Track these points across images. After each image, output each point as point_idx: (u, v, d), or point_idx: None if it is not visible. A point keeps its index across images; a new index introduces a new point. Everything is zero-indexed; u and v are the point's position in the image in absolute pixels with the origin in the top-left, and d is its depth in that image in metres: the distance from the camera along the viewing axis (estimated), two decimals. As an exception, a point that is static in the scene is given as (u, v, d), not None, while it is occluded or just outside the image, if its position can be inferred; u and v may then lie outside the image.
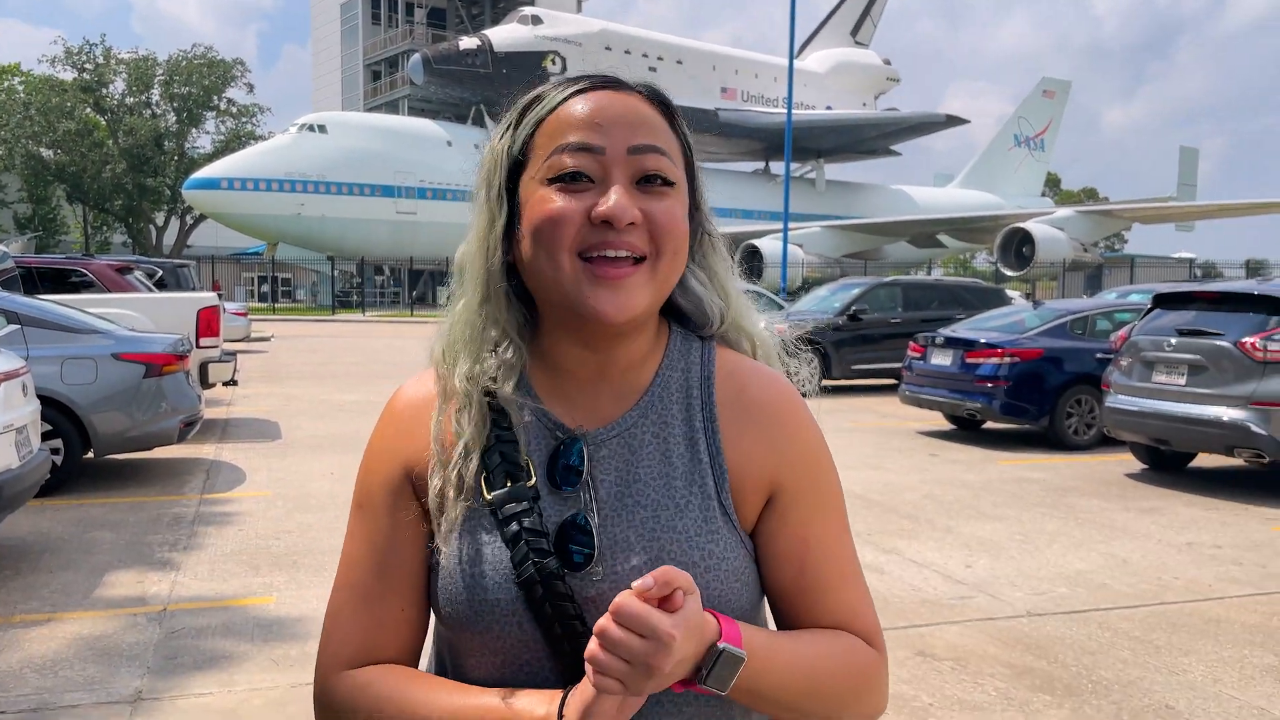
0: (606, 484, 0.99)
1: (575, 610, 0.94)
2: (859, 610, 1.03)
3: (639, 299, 0.94)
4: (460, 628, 0.98)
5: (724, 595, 0.96)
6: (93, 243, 52.48)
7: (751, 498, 1.01)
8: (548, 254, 0.94)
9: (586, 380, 1.02)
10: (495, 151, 1.01)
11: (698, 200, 1.04)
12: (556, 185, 0.95)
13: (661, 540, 0.96)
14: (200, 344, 10.16)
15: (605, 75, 1.01)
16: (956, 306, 14.92)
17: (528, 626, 0.94)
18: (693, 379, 1.04)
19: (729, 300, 1.08)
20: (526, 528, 0.95)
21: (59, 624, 4.45)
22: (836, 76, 60.77)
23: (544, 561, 0.94)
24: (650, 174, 0.96)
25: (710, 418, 1.02)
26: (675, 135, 1.01)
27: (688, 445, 1.01)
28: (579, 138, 0.95)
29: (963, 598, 4.99)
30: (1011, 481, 8.09)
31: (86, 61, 49.70)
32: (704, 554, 0.96)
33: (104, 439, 7.22)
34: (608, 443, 1.00)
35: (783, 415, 1.04)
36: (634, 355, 1.02)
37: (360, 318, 37.23)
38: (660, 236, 0.95)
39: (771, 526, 1.02)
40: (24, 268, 11.18)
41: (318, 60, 68.88)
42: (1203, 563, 5.72)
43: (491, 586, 0.95)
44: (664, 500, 0.98)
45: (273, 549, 5.72)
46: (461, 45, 45.59)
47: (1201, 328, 7.84)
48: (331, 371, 16.67)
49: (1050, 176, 76.43)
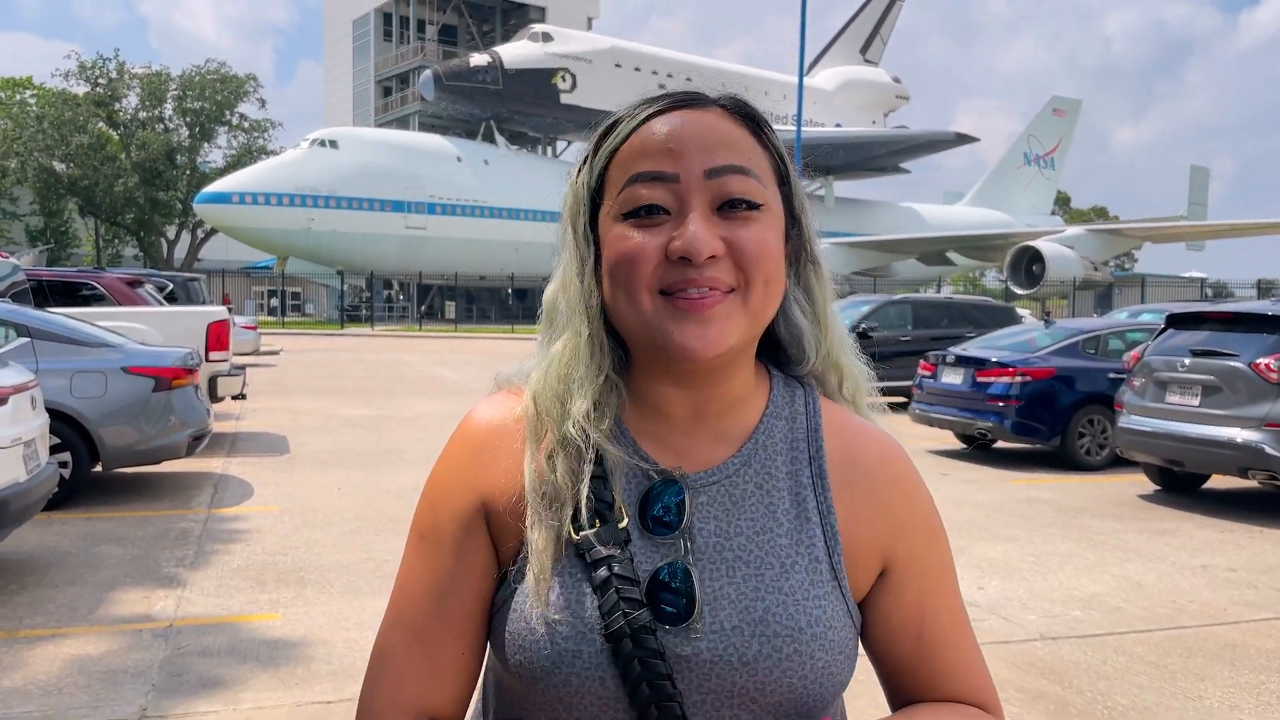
0: (704, 533, 0.91)
1: (666, 670, 0.85)
2: (976, 679, 0.98)
3: (729, 331, 0.87)
4: (533, 680, 0.88)
5: (829, 667, 0.89)
6: (104, 256, 52.73)
7: (865, 565, 0.94)
8: (627, 295, 0.88)
9: (682, 421, 0.94)
10: (576, 187, 0.95)
11: (797, 217, 0.96)
12: (631, 221, 0.88)
13: (766, 600, 0.88)
14: (210, 358, 10.16)
15: (684, 92, 0.94)
16: (967, 325, 14.87)
17: (611, 684, 0.86)
18: (798, 430, 0.97)
19: (827, 333, 0.99)
20: (617, 574, 0.87)
21: (64, 640, 4.43)
22: (846, 94, 60.91)
23: (636, 613, 0.86)
24: (733, 198, 0.88)
25: (820, 474, 0.95)
26: (765, 150, 0.93)
27: (794, 501, 0.93)
28: (650, 166, 0.88)
29: (975, 620, 4.94)
30: (1023, 502, 8.03)
31: (100, 76, 50.04)
32: (810, 619, 0.88)
33: (112, 452, 7.21)
34: (707, 489, 0.92)
35: (898, 479, 0.97)
36: (732, 395, 0.94)
37: (369, 332, 37.30)
38: (748, 266, 0.87)
39: (888, 599, 0.96)
40: (35, 280, 11.23)
41: (330, 76, 69.32)
42: (1218, 586, 5.65)
43: (573, 635, 0.86)
44: (768, 557, 0.90)
45: (279, 565, 5.69)
46: (472, 62, 45.82)
47: (1215, 348, 7.79)
48: (340, 386, 16.68)
49: (1060, 195, 76.39)
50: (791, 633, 0.87)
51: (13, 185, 48.66)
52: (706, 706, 0.87)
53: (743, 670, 0.86)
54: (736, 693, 0.87)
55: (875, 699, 1.07)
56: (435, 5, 59.98)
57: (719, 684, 0.87)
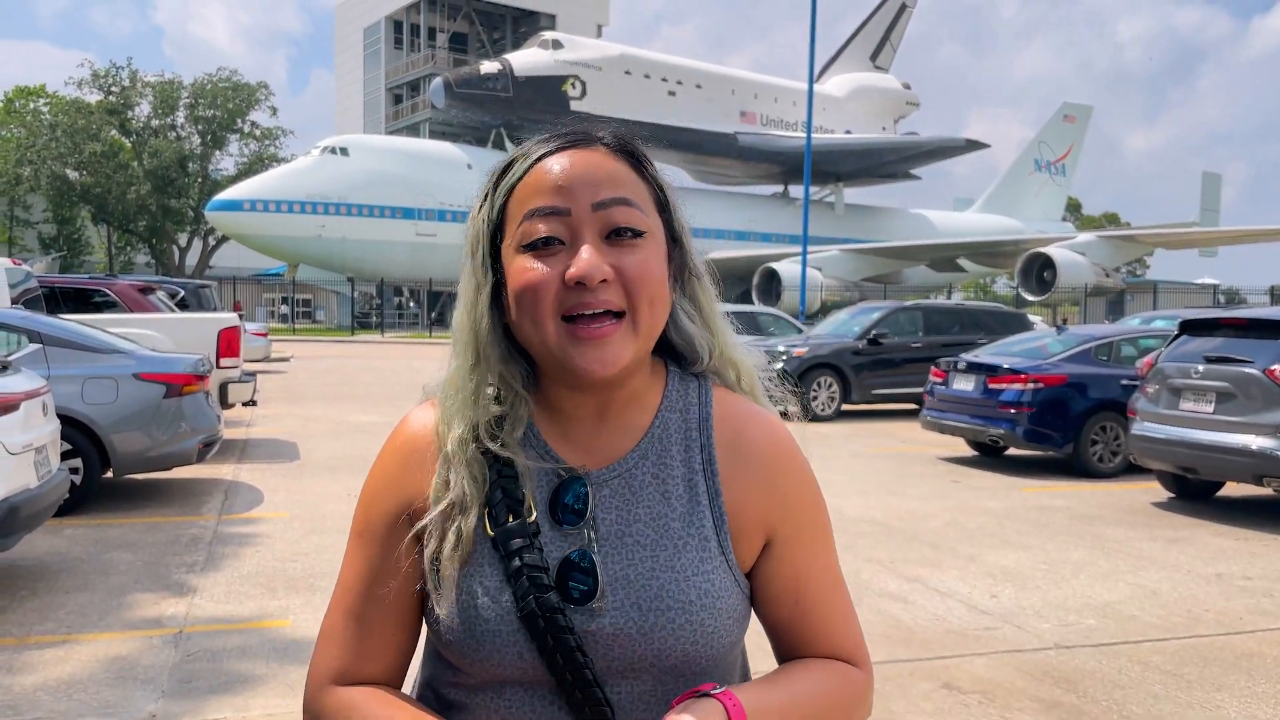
0: (607, 522, 1.03)
1: (576, 642, 0.98)
2: (847, 635, 1.11)
3: (622, 353, 0.99)
4: (462, 657, 1.01)
5: (717, 631, 1.01)
6: (116, 263, 52.98)
7: (750, 539, 1.07)
8: (531, 319, 0.99)
9: (587, 421, 1.06)
10: (477, 222, 1.06)
11: (678, 236, 1.07)
12: (530, 252, 0.99)
13: (661, 579, 1.00)
14: (220, 364, 10.19)
15: (573, 132, 1.05)
16: (978, 331, 14.82)
17: (528, 657, 0.98)
18: (691, 421, 1.08)
19: (717, 335, 1.12)
20: (528, 563, 0.99)
21: (75, 645, 4.43)
22: (856, 101, 60.83)
23: (544, 596, 0.98)
24: (619, 228, 0.99)
25: (709, 460, 1.06)
26: (644, 182, 1.04)
27: (687, 487, 1.05)
28: (545, 202, 0.99)
29: (988, 629, 4.90)
30: (1036, 509, 7.98)
31: (113, 84, 50.37)
32: (700, 592, 1.01)
33: (123, 459, 7.22)
34: (609, 482, 1.04)
35: (780, 460, 1.09)
36: (630, 394, 1.06)
37: (379, 339, 37.39)
38: (634, 290, 0.98)
39: (769, 567, 1.08)
40: (47, 287, 11.28)
41: (341, 84, 69.62)
42: (1233, 594, 5.60)
43: (492, 619, 0.99)
44: (663, 540, 1.02)
45: (290, 571, 5.69)
46: (482, 69, 45.92)
47: (1229, 355, 7.73)
48: (350, 392, 16.71)
49: (1071, 201, 76.15)
50: (683, 605, 1.00)
51: (26, 193, 48.96)
52: (614, 671, 1.00)
53: (641, 640, 0.99)
54: (638, 660, 1.00)
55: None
56: (446, 13, 60.22)
57: (622, 653, 0.99)
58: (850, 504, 7.95)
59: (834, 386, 14.35)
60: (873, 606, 5.21)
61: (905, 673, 4.27)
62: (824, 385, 14.29)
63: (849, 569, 5.96)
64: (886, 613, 5.11)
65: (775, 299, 38.75)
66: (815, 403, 14.23)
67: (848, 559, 6.20)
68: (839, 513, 7.60)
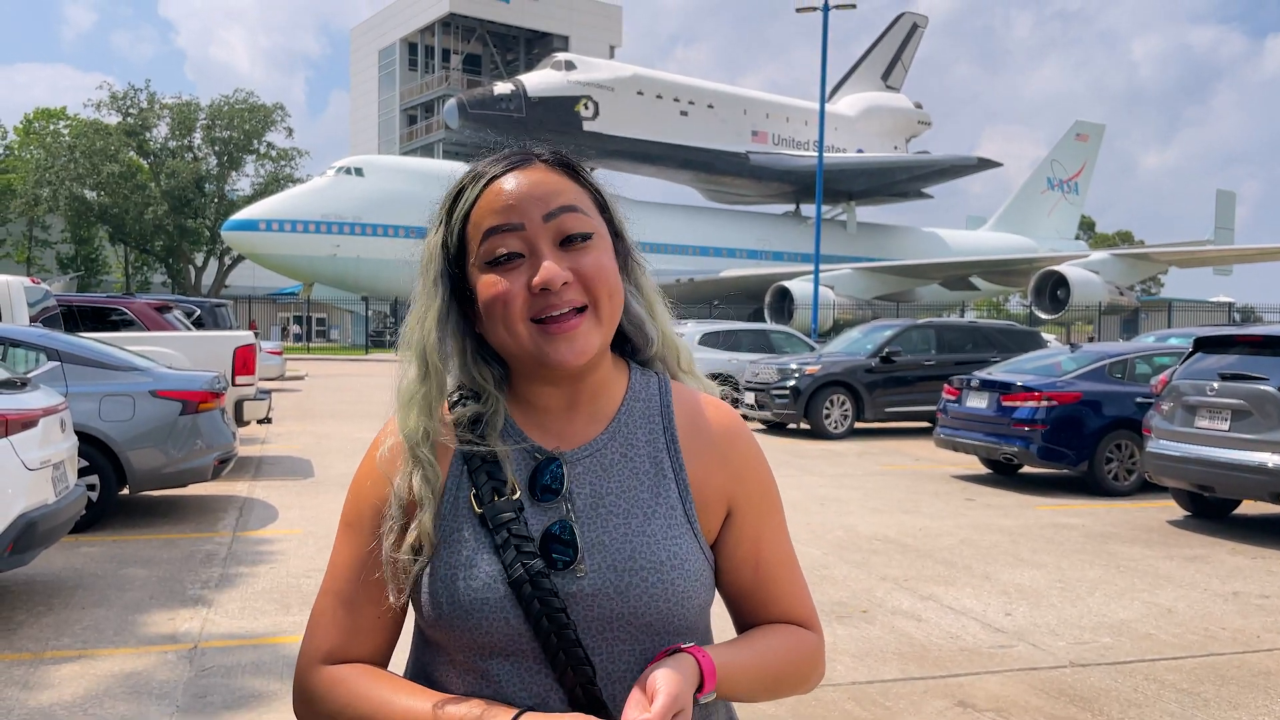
0: (581, 496, 1.13)
1: (560, 604, 1.07)
2: (802, 601, 1.23)
3: (591, 343, 1.10)
4: (451, 626, 1.09)
5: (686, 592, 1.11)
6: (133, 282, 53.40)
7: (713, 510, 1.18)
8: (504, 326, 1.10)
9: (560, 411, 1.17)
10: (431, 246, 1.17)
11: (619, 232, 1.19)
12: (494, 268, 1.10)
13: (634, 542, 1.11)
14: (236, 382, 10.25)
15: (513, 153, 1.16)
16: (991, 349, 14.78)
17: (514, 621, 1.07)
18: (653, 406, 1.20)
19: (655, 311, 1.24)
20: (514, 534, 1.09)
21: (90, 661, 4.45)
22: (867, 120, 60.92)
23: (531, 562, 1.07)
24: (570, 233, 1.10)
25: (672, 439, 1.18)
26: (583, 188, 1.15)
27: (652, 463, 1.16)
28: (500, 221, 1.10)
29: (1003, 646, 4.87)
30: (1050, 527, 7.94)
31: (131, 106, 50.90)
32: (670, 554, 1.11)
33: (140, 475, 7.27)
34: (581, 461, 1.15)
35: (734, 438, 1.21)
36: (597, 383, 1.18)
37: (393, 358, 37.40)
38: (592, 286, 1.10)
39: (731, 536, 1.19)
40: (65, 306, 11.38)
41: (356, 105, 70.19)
42: (1250, 613, 5.55)
43: (482, 586, 1.08)
44: (633, 509, 1.13)
45: (303, 587, 5.71)
46: (496, 90, 46.23)
47: (1245, 372, 7.69)
48: (364, 410, 16.76)
49: (1085, 219, 75.95)
50: (654, 566, 1.10)
51: (45, 214, 49.44)
52: (594, 632, 1.09)
53: (618, 599, 1.09)
54: (615, 618, 1.09)
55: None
56: (460, 35, 60.72)
57: (601, 612, 1.09)
58: (864, 522, 7.93)
59: (847, 404, 14.32)
60: (886, 624, 5.19)
61: (919, 691, 4.26)
62: (837, 403, 14.26)
63: (863, 586, 5.94)
64: (900, 630, 5.09)
65: (788, 317, 38.72)
66: (828, 420, 14.21)
67: (861, 576, 6.18)
68: (853, 530, 7.58)
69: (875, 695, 4.18)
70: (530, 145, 1.18)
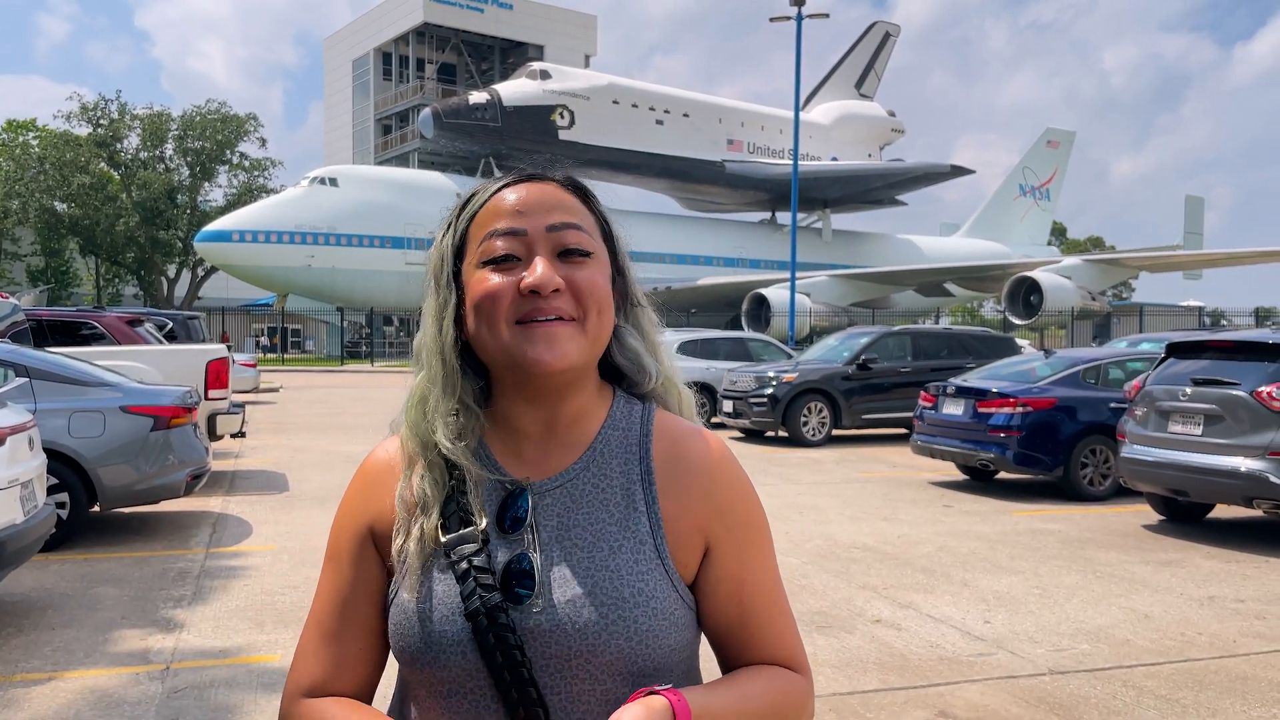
0: (548, 528, 1.10)
1: (516, 640, 1.04)
2: (789, 641, 1.18)
3: (572, 349, 1.08)
4: (411, 662, 1.08)
5: (652, 631, 1.07)
6: (105, 295, 52.84)
7: (689, 546, 1.13)
8: (489, 325, 1.09)
9: (536, 436, 1.15)
10: (442, 248, 1.16)
11: (621, 268, 1.19)
12: (490, 267, 1.10)
13: (596, 576, 1.07)
14: (209, 396, 10.14)
15: (528, 170, 1.17)
16: (966, 356, 14.87)
17: (471, 656, 1.05)
18: (632, 437, 1.17)
19: (661, 359, 1.22)
20: (475, 565, 1.07)
21: (60, 682, 4.37)
22: (841, 128, 61.30)
23: (489, 595, 1.05)
24: (569, 248, 1.10)
25: (648, 471, 1.15)
26: (591, 214, 1.17)
27: (624, 496, 1.13)
28: (504, 224, 1.11)
29: (982, 654, 4.88)
30: (1027, 533, 7.97)
31: (102, 117, 50.43)
32: (634, 590, 1.07)
33: (111, 492, 7.17)
34: (551, 492, 1.12)
35: (713, 470, 1.17)
36: (577, 409, 1.15)
37: (369, 368, 37.28)
38: (583, 298, 1.09)
39: (712, 574, 1.15)
40: (34, 320, 11.23)
41: (330, 115, 69.81)
42: (1226, 617, 5.59)
43: (439, 620, 1.06)
44: (599, 542, 1.10)
45: (278, 604, 5.64)
46: (471, 100, 46.13)
47: (1217, 377, 7.77)
48: (339, 423, 16.64)
49: (1057, 225, 76.70)
50: (616, 602, 1.06)
51: (14, 226, 48.86)
52: (551, 670, 1.05)
53: (577, 636, 1.05)
54: (574, 655, 1.05)
55: None
56: (434, 44, 60.57)
57: (559, 649, 1.05)
58: (842, 530, 7.93)
59: (824, 411, 14.35)
60: (866, 633, 5.19)
61: (899, 700, 4.25)
62: (814, 410, 14.29)
63: (841, 596, 5.94)
64: (880, 639, 5.09)
65: (765, 325, 38.83)
66: (806, 428, 14.23)
67: (840, 585, 6.18)
68: (832, 539, 7.58)
69: (856, 706, 4.18)
70: (546, 168, 1.19)
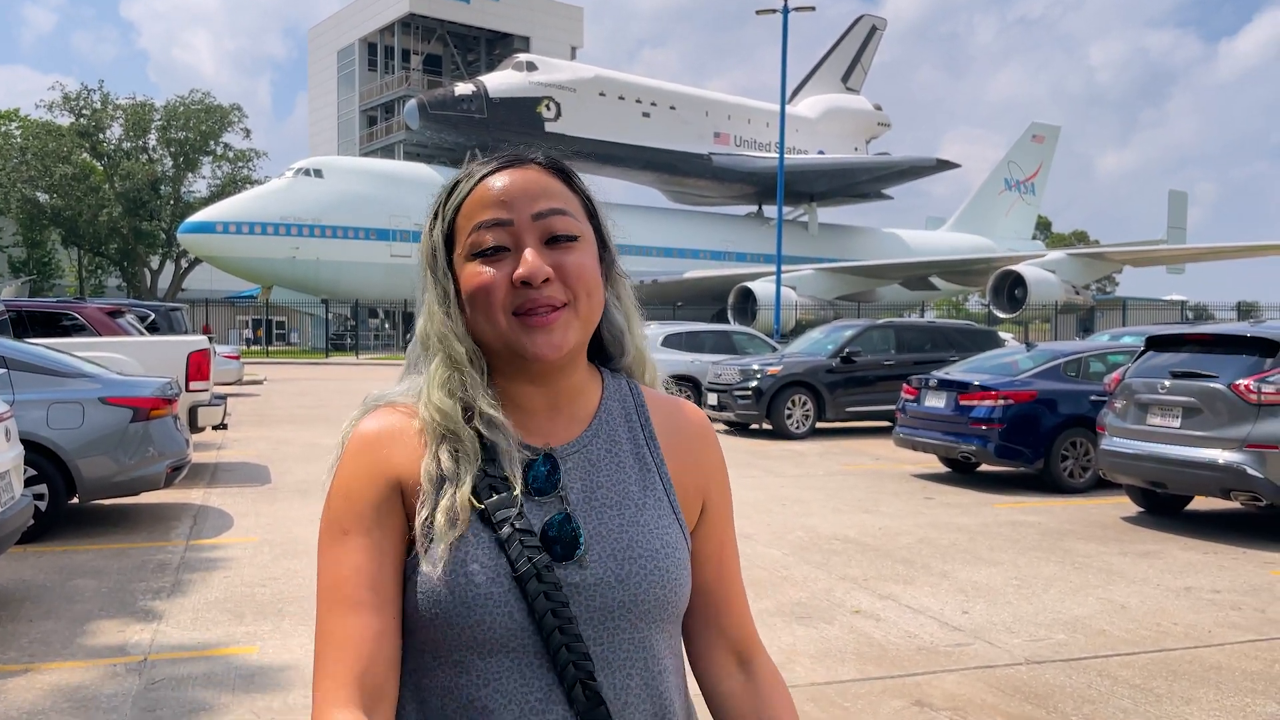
0: (574, 490, 1.15)
1: (563, 597, 1.08)
2: (748, 615, 1.29)
3: (569, 337, 1.11)
4: (448, 624, 1.07)
5: (679, 579, 1.15)
6: (87, 286, 52.44)
7: (691, 503, 1.23)
8: (486, 317, 1.12)
9: (541, 412, 1.18)
10: (431, 239, 1.18)
11: (606, 242, 1.21)
12: (480, 259, 1.12)
13: (630, 532, 1.13)
14: (190, 387, 10.09)
15: (508, 155, 1.18)
16: (950, 348, 14.92)
17: (518, 615, 1.06)
18: (629, 408, 1.23)
19: (633, 325, 1.26)
20: (519, 529, 1.09)
21: (36, 675, 4.35)
22: (828, 121, 61.31)
23: (538, 557, 1.08)
24: (556, 234, 1.12)
25: (651, 437, 1.22)
26: (575, 194, 1.18)
27: (636, 459, 1.19)
28: (490, 215, 1.12)
29: (960, 645, 4.91)
30: (1007, 525, 8.02)
31: (84, 107, 49.98)
32: (663, 543, 1.15)
33: (89, 484, 7.13)
34: (571, 457, 1.16)
35: (706, 435, 1.27)
36: (575, 385, 1.19)
37: (354, 360, 37.15)
38: (573, 284, 1.11)
39: (702, 531, 1.25)
40: (14, 311, 11.14)
41: (315, 106, 69.42)
42: (1201, 608, 5.64)
43: (485, 581, 1.06)
44: (625, 501, 1.16)
45: (258, 596, 5.62)
46: (457, 91, 45.90)
47: (1195, 370, 7.83)
48: (323, 415, 16.58)
49: (1041, 220, 76.99)
50: (651, 554, 1.13)
51: (-5, 216, 48.41)
52: (594, 622, 1.10)
53: (619, 587, 1.10)
54: (616, 606, 1.10)
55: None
56: (420, 35, 60.28)
57: (603, 601, 1.10)
58: (825, 521, 7.96)
59: (808, 404, 14.39)
60: (845, 624, 5.21)
61: (877, 690, 4.27)
62: (798, 403, 14.33)
63: (823, 586, 5.96)
64: (859, 630, 5.11)
65: (751, 318, 38.87)
66: (790, 420, 14.27)
67: (821, 576, 6.20)
68: (814, 531, 7.61)
69: (833, 696, 4.20)
70: (525, 150, 1.20)
